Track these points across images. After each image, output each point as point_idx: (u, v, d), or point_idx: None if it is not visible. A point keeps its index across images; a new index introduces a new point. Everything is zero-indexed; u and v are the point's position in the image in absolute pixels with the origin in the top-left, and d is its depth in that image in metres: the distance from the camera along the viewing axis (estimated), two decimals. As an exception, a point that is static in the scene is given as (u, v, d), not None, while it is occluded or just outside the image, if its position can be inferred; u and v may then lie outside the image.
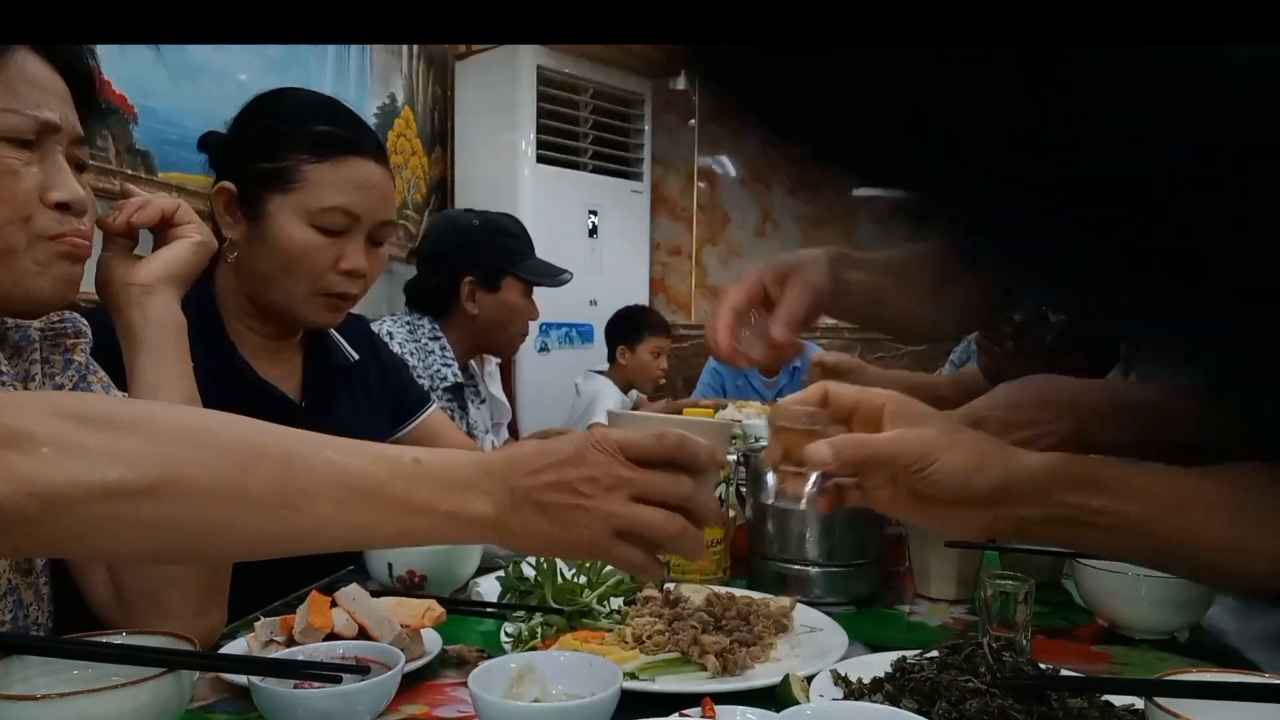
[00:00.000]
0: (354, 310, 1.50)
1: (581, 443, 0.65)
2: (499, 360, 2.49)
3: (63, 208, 0.80)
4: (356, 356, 1.37)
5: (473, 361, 2.29)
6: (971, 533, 0.74)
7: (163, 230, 0.95)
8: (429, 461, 0.64)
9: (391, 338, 2.05)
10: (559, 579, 0.95)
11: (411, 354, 2.04)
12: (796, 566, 1.06)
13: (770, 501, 0.75)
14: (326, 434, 0.68)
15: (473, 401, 2.24)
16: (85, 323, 0.95)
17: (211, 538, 0.60)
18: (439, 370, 2.07)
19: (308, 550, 0.66)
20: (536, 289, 2.23)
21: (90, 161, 0.90)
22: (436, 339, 2.13)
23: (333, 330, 1.35)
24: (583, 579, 0.96)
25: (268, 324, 1.24)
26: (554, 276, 2.21)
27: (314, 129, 1.19)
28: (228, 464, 0.59)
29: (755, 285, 0.94)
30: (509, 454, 0.66)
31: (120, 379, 0.92)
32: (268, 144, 1.18)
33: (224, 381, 1.11)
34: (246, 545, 0.63)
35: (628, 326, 3.45)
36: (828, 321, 4.64)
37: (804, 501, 0.73)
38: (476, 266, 2.13)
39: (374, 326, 2.05)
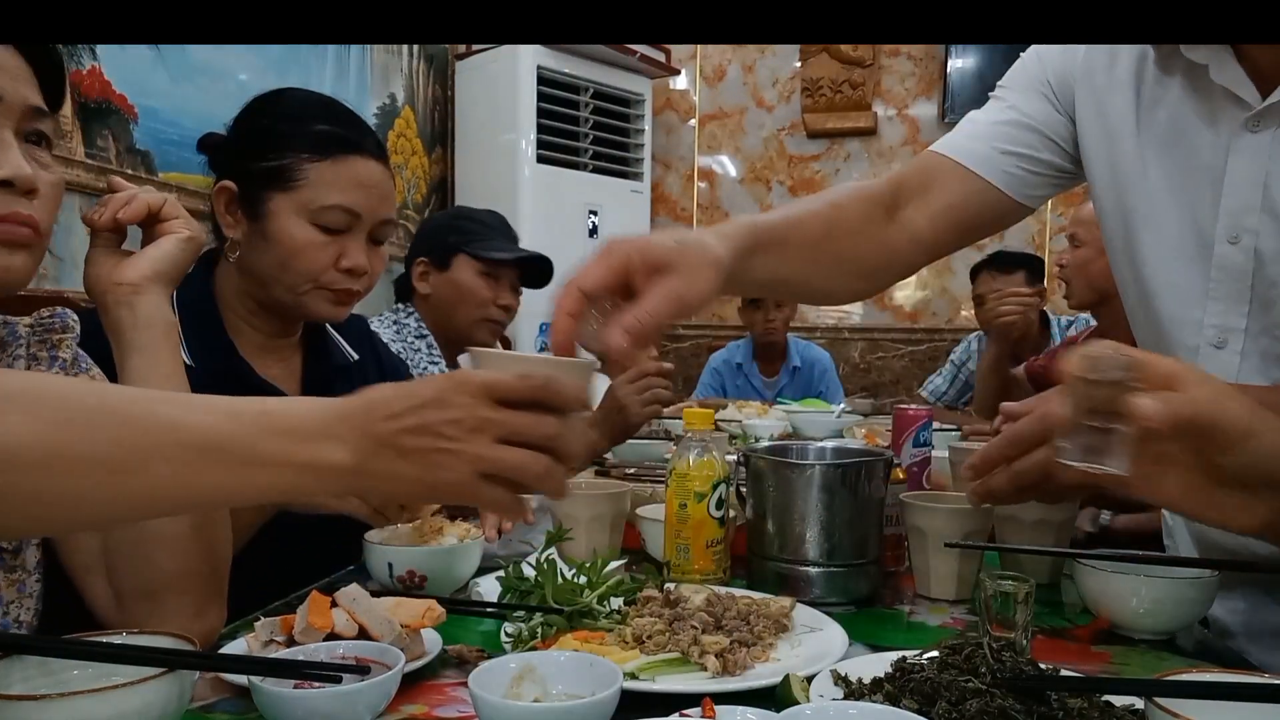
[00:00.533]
0: (355, 310, 1.50)
1: (444, 385, 0.63)
2: None
3: (4, 185, 0.78)
4: (356, 356, 1.37)
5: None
6: (1244, 526, 0.69)
7: (150, 226, 0.94)
8: (278, 411, 0.61)
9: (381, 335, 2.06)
10: (559, 579, 0.95)
11: (399, 352, 2.04)
12: (797, 567, 1.06)
13: (1076, 462, 0.68)
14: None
15: None
16: (74, 317, 0.94)
17: (51, 509, 0.58)
18: (425, 368, 2.08)
19: (156, 514, 0.63)
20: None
21: (90, 161, 0.89)
22: (422, 336, 2.14)
23: (332, 330, 1.36)
24: (583, 579, 0.96)
25: (269, 322, 1.24)
26: (511, 255, 2.15)
27: (314, 128, 1.19)
28: (54, 429, 0.56)
29: (619, 271, 0.78)
30: (366, 399, 0.64)
31: (114, 376, 0.91)
32: (268, 143, 1.18)
33: (223, 381, 1.11)
34: (90, 515, 0.60)
35: None
36: (826, 321, 4.62)
37: (1109, 463, 0.66)
38: (430, 250, 2.14)
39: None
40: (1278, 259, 0.91)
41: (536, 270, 2.19)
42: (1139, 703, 0.67)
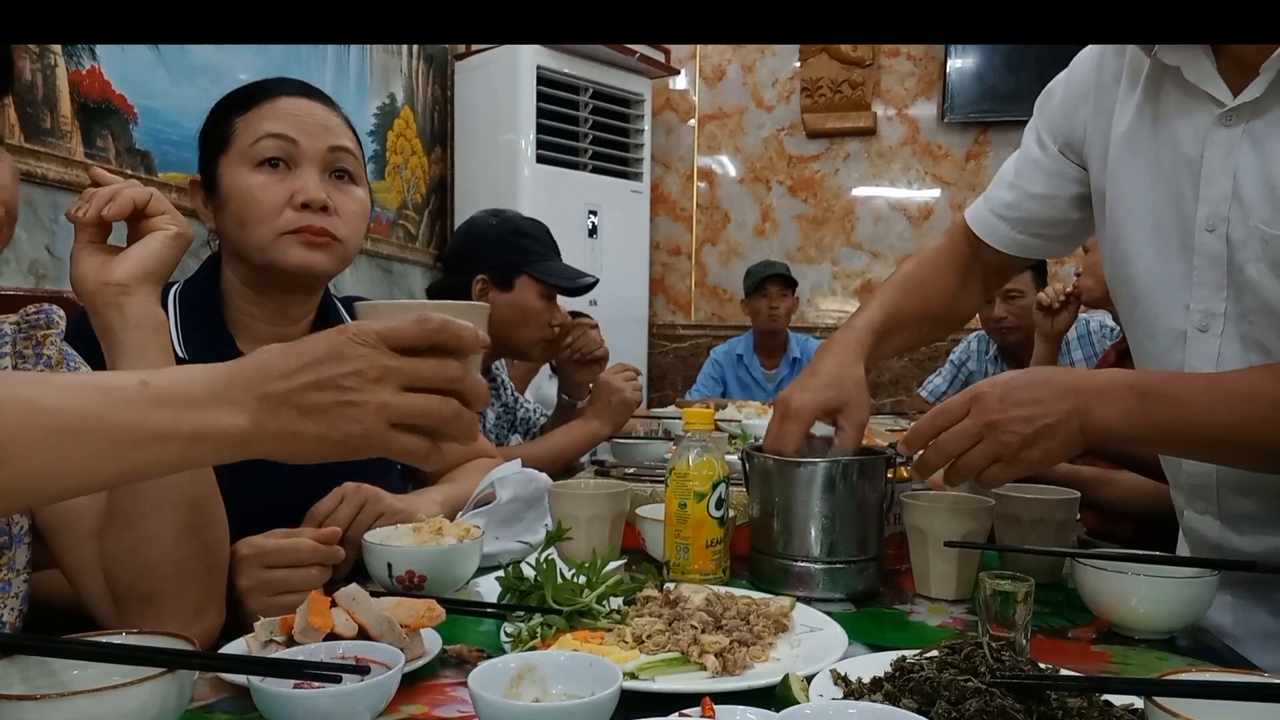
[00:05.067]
0: (360, 295, 1.48)
1: (338, 338, 0.63)
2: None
3: None
4: None
5: (499, 364, 2.30)
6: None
7: (136, 221, 0.91)
8: (159, 383, 0.59)
9: None
10: (559, 579, 0.95)
11: None
12: (799, 563, 1.07)
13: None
14: None
15: (492, 404, 2.24)
16: (60, 313, 0.93)
17: None
18: None
19: (35, 504, 0.61)
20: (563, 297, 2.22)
21: (89, 161, 0.89)
22: None
23: (346, 317, 1.33)
24: (582, 579, 0.96)
25: (269, 309, 1.22)
26: (573, 279, 2.17)
27: (242, 91, 1.21)
28: None
29: (805, 429, 1.10)
30: (257, 360, 0.62)
31: None
32: (211, 123, 1.21)
33: None
34: None
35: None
36: (826, 321, 4.62)
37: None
38: (490, 266, 2.12)
39: None
40: (1244, 246, 0.95)
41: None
42: (1139, 702, 0.67)
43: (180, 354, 1.13)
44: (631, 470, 1.71)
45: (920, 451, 0.99)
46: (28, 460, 0.55)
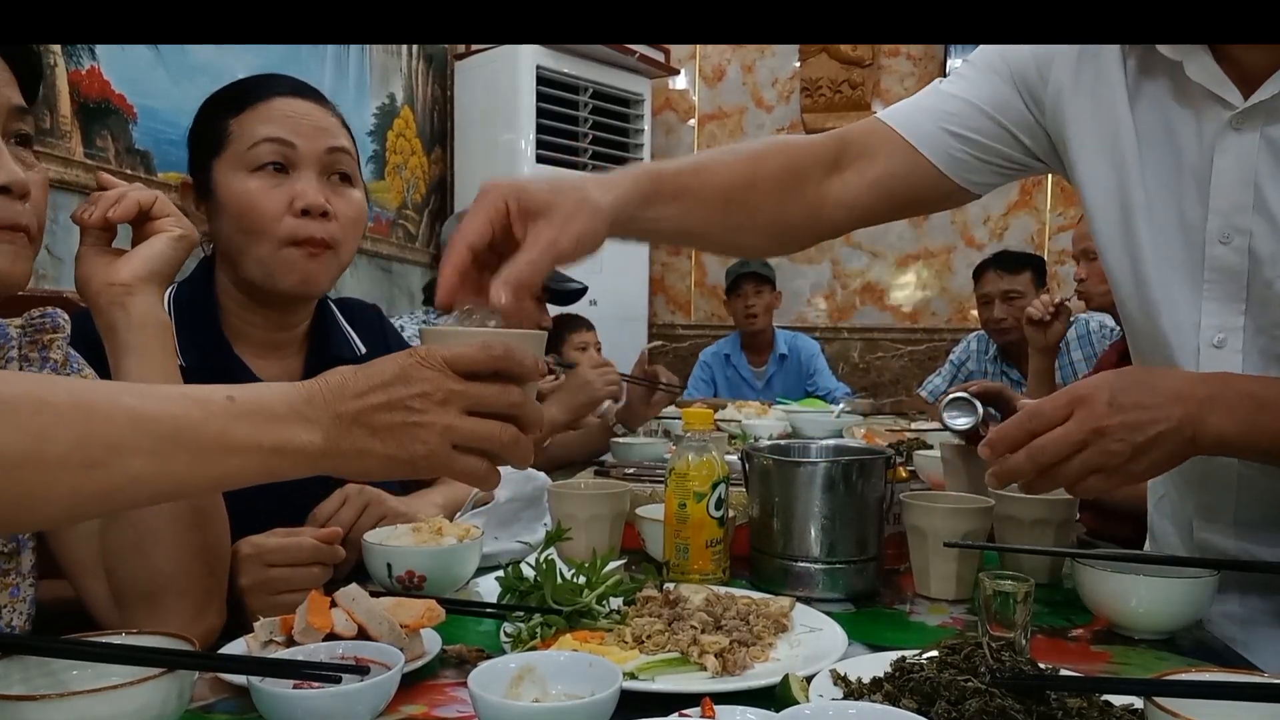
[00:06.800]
0: (358, 299, 1.48)
1: (406, 361, 0.65)
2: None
3: (2, 191, 0.77)
4: (365, 350, 1.32)
5: None
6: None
7: (141, 224, 0.92)
8: (244, 398, 0.62)
9: (403, 330, 2.06)
10: (558, 579, 0.95)
11: None
12: (799, 563, 1.07)
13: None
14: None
15: None
16: (65, 317, 0.93)
17: (19, 510, 0.56)
18: None
19: (128, 506, 0.63)
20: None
21: (89, 161, 0.89)
22: None
23: (343, 322, 1.33)
24: (582, 579, 0.96)
25: (265, 316, 1.21)
26: (560, 283, 2.18)
27: (232, 89, 1.20)
28: (18, 429, 0.55)
29: (498, 218, 0.80)
30: (331, 380, 0.65)
31: (108, 376, 0.91)
32: (202, 124, 1.19)
33: (216, 380, 1.10)
34: (59, 512, 0.59)
35: (550, 336, 3.51)
36: (824, 322, 4.61)
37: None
38: None
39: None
40: (1274, 260, 0.90)
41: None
42: (1139, 702, 0.67)
43: (178, 359, 1.13)
44: (631, 470, 1.71)
45: (1004, 456, 0.88)
46: (128, 465, 0.58)
